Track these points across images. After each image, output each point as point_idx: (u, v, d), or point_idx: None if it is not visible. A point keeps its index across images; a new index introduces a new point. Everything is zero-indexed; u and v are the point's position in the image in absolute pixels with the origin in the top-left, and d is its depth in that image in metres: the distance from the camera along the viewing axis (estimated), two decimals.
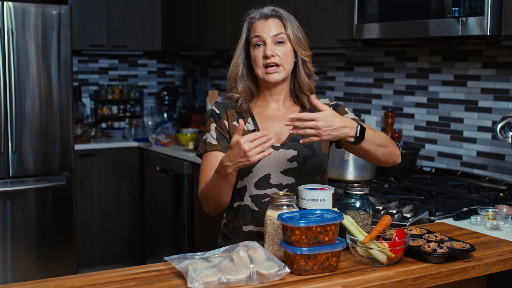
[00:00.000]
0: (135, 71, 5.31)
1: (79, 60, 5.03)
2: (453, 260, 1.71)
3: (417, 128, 3.36)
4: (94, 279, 1.56)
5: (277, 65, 1.91)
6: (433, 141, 3.26)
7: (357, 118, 2.00)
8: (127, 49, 4.91)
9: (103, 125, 5.09)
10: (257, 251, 1.55)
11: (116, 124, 5.18)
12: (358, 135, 1.77)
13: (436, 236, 1.82)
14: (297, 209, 1.72)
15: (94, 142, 4.66)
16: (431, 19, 2.64)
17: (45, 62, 4.05)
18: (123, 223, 4.69)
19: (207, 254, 1.61)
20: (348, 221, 1.68)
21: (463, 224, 2.18)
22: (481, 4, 2.43)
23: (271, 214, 1.69)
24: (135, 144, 4.69)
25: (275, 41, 1.91)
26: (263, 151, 1.68)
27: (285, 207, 1.69)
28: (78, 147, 4.41)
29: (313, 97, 1.81)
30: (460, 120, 3.11)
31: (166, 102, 5.24)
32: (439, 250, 1.69)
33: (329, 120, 1.71)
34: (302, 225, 1.55)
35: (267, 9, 1.95)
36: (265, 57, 1.90)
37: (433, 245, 1.71)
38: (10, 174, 4.00)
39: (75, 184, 4.25)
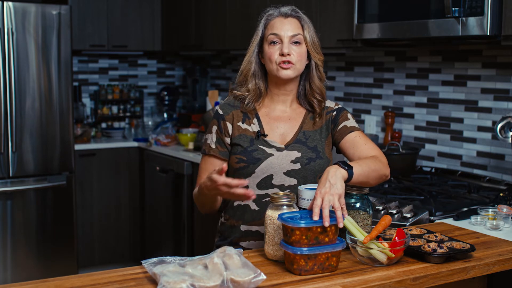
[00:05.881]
0: (135, 71, 5.31)
1: (79, 60, 5.03)
2: (453, 260, 1.71)
3: (417, 128, 3.35)
4: (94, 279, 1.56)
5: (291, 62, 1.91)
6: (433, 141, 3.26)
7: (356, 126, 2.00)
8: (127, 49, 4.91)
9: (103, 125, 5.09)
10: (232, 258, 1.53)
11: (116, 124, 5.18)
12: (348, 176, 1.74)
13: (436, 236, 1.82)
14: (297, 209, 1.72)
15: (94, 142, 4.66)
16: (431, 19, 2.64)
17: (45, 62, 4.05)
18: (123, 223, 4.69)
19: (186, 260, 1.58)
20: (348, 221, 1.68)
21: (463, 224, 2.18)
22: (481, 4, 2.42)
23: (271, 214, 1.69)
24: (135, 144, 4.69)
25: (292, 41, 1.93)
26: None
27: (285, 207, 1.69)
28: (78, 147, 4.41)
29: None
30: (460, 120, 3.11)
31: (166, 102, 5.24)
32: (439, 250, 1.69)
33: (322, 187, 1.67)
34: (303, 225, 1.56)
35: (286, 8, 1.95)
36: (281, 54, 1.91)
37: (433, 245, 1.71)
38: (10, 174, 4.00)
39: (75, 184, 4.25)
